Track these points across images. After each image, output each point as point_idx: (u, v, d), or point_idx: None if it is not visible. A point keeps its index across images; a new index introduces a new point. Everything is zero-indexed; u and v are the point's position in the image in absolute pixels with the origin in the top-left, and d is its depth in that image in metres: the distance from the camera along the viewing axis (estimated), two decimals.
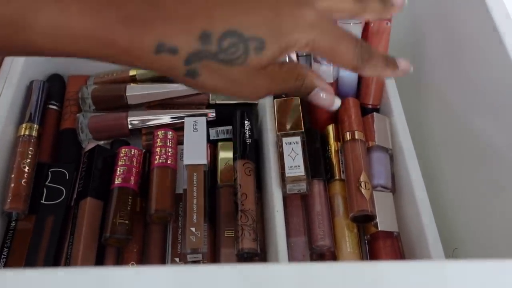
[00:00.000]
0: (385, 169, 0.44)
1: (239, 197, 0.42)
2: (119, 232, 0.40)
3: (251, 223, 0.41)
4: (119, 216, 0.41)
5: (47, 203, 0.43)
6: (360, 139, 0.44)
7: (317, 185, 0.43)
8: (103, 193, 0.43)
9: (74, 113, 0.50)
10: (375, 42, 0.48)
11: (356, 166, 0.42)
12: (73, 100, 0.50)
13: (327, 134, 0.47)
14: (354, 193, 0.41)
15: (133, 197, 0.43)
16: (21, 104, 0.48)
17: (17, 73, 0.48)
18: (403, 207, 0.43)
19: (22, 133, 0.45)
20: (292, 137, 0.43)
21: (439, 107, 0.49)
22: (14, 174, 0.43)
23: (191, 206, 0.41)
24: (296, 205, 0.43)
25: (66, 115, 0.50)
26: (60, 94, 0.51)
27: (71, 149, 0.48)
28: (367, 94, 0.49)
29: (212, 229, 0.43)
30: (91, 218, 0.41)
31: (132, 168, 0.44)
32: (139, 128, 0.49)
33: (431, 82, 0.51)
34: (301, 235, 0.41)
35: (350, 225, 0.41)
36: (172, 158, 0.45)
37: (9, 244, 0.41)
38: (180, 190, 0.45)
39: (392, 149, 0.46)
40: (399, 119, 0.47)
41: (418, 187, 0.42)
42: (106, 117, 0.49)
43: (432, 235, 0.39)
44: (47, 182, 0.44)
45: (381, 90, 0.50)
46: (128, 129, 0.48)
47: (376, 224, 0.40)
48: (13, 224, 0.42)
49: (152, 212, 0.41)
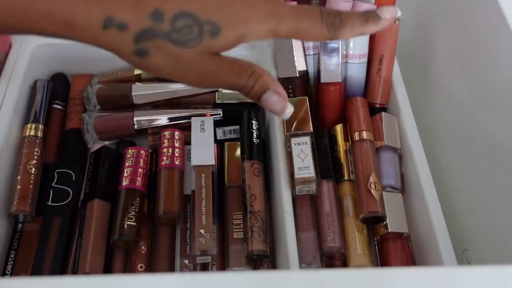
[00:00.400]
0: (394, 169, 0.44)
1: (248, 198, 0.42)
2: (127, 235, 0.40)
3: (261, 225, 0.40)
4: (127, 218, 0.40)
5: (54, 205, 0.43)
6: (369, 139, 0.44)
7: (326, 185, 0.43)
8: (110, 195, 0.43)
9: (79, 113, 0.49)
10: (382, 41, 0.47)
11: (366, 167, 0.42)
12: (77, 100, 0.50)
13: (335, 133, 0.47)
14: (364, 194, 0.40)
15: (140, 199, 0.42)
16: (25, 104, 0.47)
17: (20, 72, 0.47)
18: (412, 207, 0.43)
19: (27, 134, 0.45)
20: (301, 137, 0.43)
21: (449, 105, 0.48)
22: (20, 176, 0.42)
23: (199, 208, 0.41)
24: (305, 205, 0.42)
25: (71, 114, 0.49)
26: (65, 93, 0.51)
27: (77, 149, 0.48)
28: (374, 93, 0.49)
29: (221, 230, 0.43)
30: (99, 220, 0.41)
31: (139, 169, 0.43)
32: (145, 128, 0.48)
33: (440, 80, 0.50)
34: (310, 236, 0.40)
35: (360, 226, 0.41)
36: (180, 159, 0.44)
37: (16, 247, 0.41)
38: (188, 191, 0.44)
39: (401, 149, 0.45)
40: (407, 118, 0.47)
41: (427, 187, 0.42)
42: (112, 117, 0.48)
43: (442, 236, 0.39)
44: (53, 183, 0.44)
45: (388, 89, 0.49)
46: (134, 129, 0.48)
47: (386, 225, 0.40)
48: (20, 226, 0.42)
49: (160, 214, 0.41)
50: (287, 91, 0.49)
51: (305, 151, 0.42)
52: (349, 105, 0.48)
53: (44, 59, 0.50)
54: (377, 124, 0.46)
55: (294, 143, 0.43)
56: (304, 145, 0.42)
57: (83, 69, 0.52)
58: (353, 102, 0.47)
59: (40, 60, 0.50)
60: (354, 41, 0.47)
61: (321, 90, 0.48)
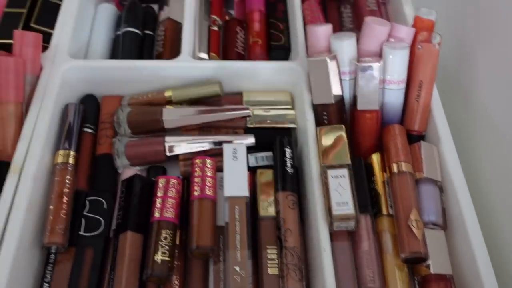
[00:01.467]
0: (435, 204, 0.42)
1: (282, 232, 0.41)
2: (160, 270, 0.39)
3: (297, 262, 0.39)
4: (160, 252, 0.39)
5: (86, 235, 0.42)
6: (409, 171, 0.42)
7: (364, 220, 0.41)
8: (142, 226, 0.42)
9: (109, 137, 0.48)
10: (422, 67, 0.46)
11: (406, 202, 0.40)
12: (108, 123, 0.49)
13: (371, 163, 0.45)
14: (404, 233, 0.39)
15: (173, 231, 0.41)
16: (56, 128, 0.47)
17: (52, 96, 0.47)
18: (455, 245, 0.41)
19: (59, 161, 0.44)
20: (339, 169, 0.42)
21: (492, 134, 0.46)
22: (53, 206, 0.42)
23: (234, 243, 0.40)
24: (342, 241, 0.41)
25: (101, 139, 0.48)
26: (95, 116, 0.50)
27: (108, 175, 0.47)
28: (412, 120, 0.47)
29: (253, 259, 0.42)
30: (132, 253, 0.40)
31: (171, 199, 0.43)
32: (176, 154, 0.47)
33: (483, 107, 0.48)
34: (349, 275, 0.39)
35: (400, 264, 0.39)
36: (212, 189, 0.43)
37: (49, 278, 0.40)
38: (221, 221, 0.43)
39: (442, 181, 0.44)
40: (448, 147, 0.45)
41: (471, 224, 0.40)
42: (143, 142, 0.48)
43: (488, 278, 0.37)
44: (85, 212, 0.43)
45: (427, 116, 0.47)
46: (165, 155, 0.47)
47: (428, 265, 0.38)
48: (52, 257, 0.42)
49: (194, 248, 0.40)
50: (322, 117, 0.47)
51: (343, 185, 0.40)
52: (386, 133, 0.46)
53: (74, 81, 0.50)
54: (416, 154, 0.45)
55: (331, 176, 0.41)
56: (342, 178, 0.41)
57: (113, 90, 0.52)
58: (391, 130, 0.46)
59: (70, 82, 0.49)
60: (393, 66, 0.45)
61: (357, 117, 0.47)
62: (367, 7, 0.55)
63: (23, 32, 0.47)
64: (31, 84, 0.47)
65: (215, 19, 0.56)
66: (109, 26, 0.57)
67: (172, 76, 0.50)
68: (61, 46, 0.50)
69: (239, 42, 0.55)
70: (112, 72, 0.50)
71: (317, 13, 0.57)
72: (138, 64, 0.50)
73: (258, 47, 0.54)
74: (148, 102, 0.51)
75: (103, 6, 0.58)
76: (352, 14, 0.57)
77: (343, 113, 0.48)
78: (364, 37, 0.46)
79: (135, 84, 0.51)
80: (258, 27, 0.55)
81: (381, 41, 0.46)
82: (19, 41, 0.47)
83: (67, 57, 0.49)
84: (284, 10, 0.57)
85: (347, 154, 0.43)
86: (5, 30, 0.50)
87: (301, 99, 0.49)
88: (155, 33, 0.57)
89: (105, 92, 0.52)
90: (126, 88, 0.52)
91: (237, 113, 0.49)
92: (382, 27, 0.46)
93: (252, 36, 0.55)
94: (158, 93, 0.51)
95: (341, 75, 0.47)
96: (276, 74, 0.51)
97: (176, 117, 0.48)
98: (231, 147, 0.46)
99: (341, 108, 0.47)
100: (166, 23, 0.56)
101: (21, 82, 0.46)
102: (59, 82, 0.48)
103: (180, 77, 0.51)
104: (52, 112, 0.46)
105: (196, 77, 0.51)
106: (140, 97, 0.51)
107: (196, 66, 0.50)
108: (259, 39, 0.54)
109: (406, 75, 0.46)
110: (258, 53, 0.54)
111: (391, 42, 0.46)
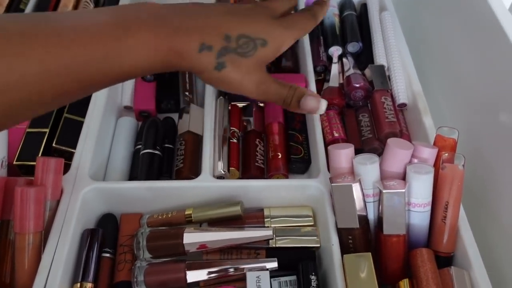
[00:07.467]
0: None
1: None
2: None
3: None
4: None
5: None
6: None
7: None
8: None
9: (128, 262, 0.47)
10: (447, 188, 0.45)
11: None
12: (127, 247, 0.48)
13: None
14: None
15: None
16: (75, 257, 0.46)
17: (72, 222, 0.46)
18: None
19: None
20: None
21: None
22: None
23: None
24: None
25: (120, 264, 0.47)
26: (114, 237, 0.49)
27: None
28: (440, 241, 0.46)
29: None
30: None
31: None
32: (198, 281, 0.46)
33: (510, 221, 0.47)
34: None
35: None
36: None
37: None
38: None
39: None
40: (479, 271, 0.43)
41: None
42: (163, 269, 0.46)
43: None
44: None
45: (455, 236, 0.46)
46: (186, 283, 0.45)
47: None
48: None
49: None
50: (347, 242, 0.46)
51: None
52: (414, 258, 0.44)
53: (94, 202, 0.50)
54: (446, 280, 0.43)
55: None
56: None
57: (132, 209, 0.51)
58: (419, 255, 0.44)
59: (90, 203, 0.49)
60: (417, 190, 0.45)
61: (383, 240, 0.45)
62: (386, 119, 0.55)
63: (45, 159, 0.47)
64: (51, 209, 0.47)
65: (234, 131, 0.57)
66: (129, 140, 0.57)
67: (192, 195, 0.50)
68: (82, 168, 0.50)
69: (259, 156, 0.55)
70: (132, 192, 0.50)
71: (336, 121, 0.57)
72: (158, 185, 0.50)
73: (278, 160, 0.54)
74: (167, 221, 0.50)
75: (124, 119, 0.58)
76: (370, 122, 0.58)
77: (368, 235, 0.46)
78: (387, 160, 0.46)
79: (154, 203, 0.51)
80: (277, 140, 0.55)
81: (404, 163, 0.46)
82: (41, 167, 0.46)
83: (88, 179, 0.49)
84: (302, 120, 0.58)
85: (375, 283, 0.41)
86: (27, 151, 0.51)
87: (324, 217, 0.48)
88: (175, 146, 0.57)
89: (124, 210, 0.51)
90: (145, 206, 0.51)
91: (259, 236, 0.47)
92: (405, 151, 0.45)
93: (272, 149, 0.55)
94: (178, 212, 0.50)
95: (365, 198, 0.46)
96: (298, 190, 0.50)
97: (197, 241, 0.47)
98: (255, 275, 0.44)
99: (366, 231, 0.46)
100: (185, 136, 0.56)
101: (41, 211, 0.45)
102: (79, 205, 0.47)
103: (200, 195, 0.50)
104: (72, 240, 0.45)
105: (216, 196, 0.50)
106: (160, 216, 0.50)
107: (216, 185, 0.50)
108: (279, 153, 0.54)
109: (431, 198, 0.45)
110: (278, 167, 0.54)
111: (414, 164, 0.46)
